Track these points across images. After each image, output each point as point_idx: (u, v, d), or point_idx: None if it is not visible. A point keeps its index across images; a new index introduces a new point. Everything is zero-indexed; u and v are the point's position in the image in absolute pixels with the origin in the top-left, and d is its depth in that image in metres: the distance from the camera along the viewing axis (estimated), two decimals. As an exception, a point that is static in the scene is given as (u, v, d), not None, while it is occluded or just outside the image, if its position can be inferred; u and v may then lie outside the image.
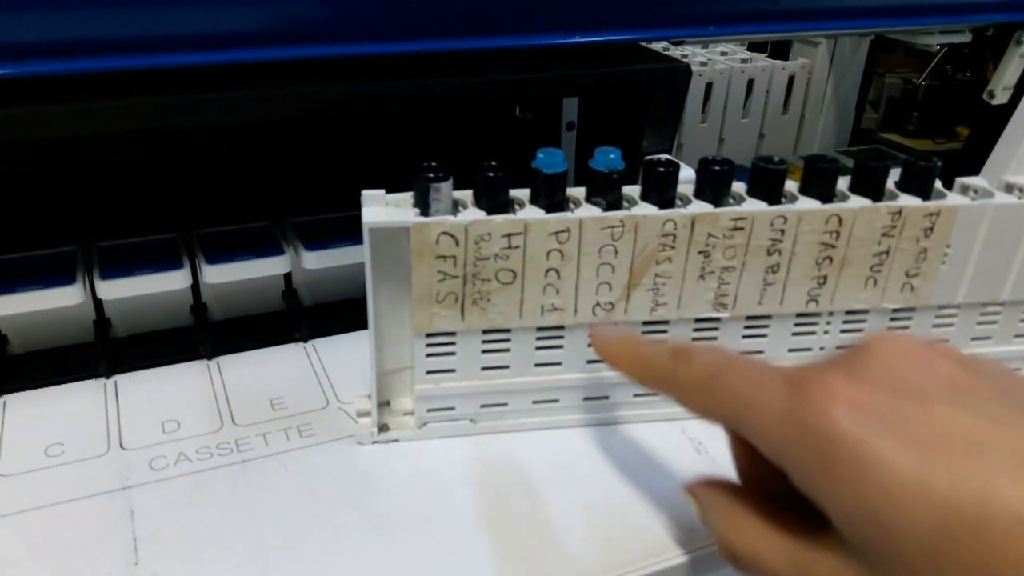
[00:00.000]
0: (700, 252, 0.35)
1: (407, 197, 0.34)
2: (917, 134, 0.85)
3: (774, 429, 0.24)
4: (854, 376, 0.24)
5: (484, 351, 0.36)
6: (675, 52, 0.68)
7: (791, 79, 0.79)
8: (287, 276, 0.48)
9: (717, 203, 0.35)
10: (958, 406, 0.22)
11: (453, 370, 0.37)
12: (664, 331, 0.37)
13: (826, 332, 0.39)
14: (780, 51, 0.81)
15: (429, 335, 0.35)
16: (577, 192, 0.35)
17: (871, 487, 0.22)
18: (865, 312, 0.39)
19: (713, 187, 0.35)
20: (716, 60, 0.75)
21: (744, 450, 0.28)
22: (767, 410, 0.25)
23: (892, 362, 0.24)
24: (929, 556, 0.21)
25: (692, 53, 0.76)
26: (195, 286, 0.45)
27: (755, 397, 0.25)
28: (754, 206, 0.35)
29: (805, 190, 0.36)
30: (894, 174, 0.37)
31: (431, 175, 0.33)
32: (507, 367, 0.37)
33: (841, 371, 0.24)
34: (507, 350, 0.37)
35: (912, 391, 0.23)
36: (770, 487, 0.27)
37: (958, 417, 0.22)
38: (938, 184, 0.38)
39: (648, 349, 0.31)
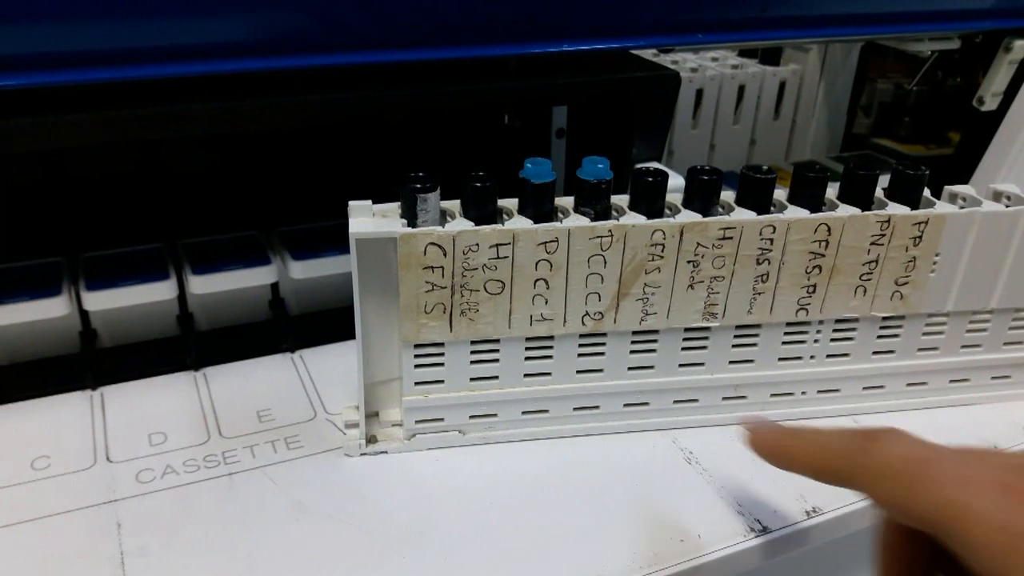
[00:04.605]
0: (689, 261, 0.35)
1: (394, 207, 0.34)
2: (909, 139, 0.84)
3: (989, 539, 0.21)
4: None
5: (473, 362, 0.36)
6: (665, 59, 0.68)
7: (782, 85, 0.79)
8: (274, 286, 0.47)
9: (706, 212, 0.35)
10: None
11: (442, 381, 0.36)
12: (654, 340, 0.37)
13: (816, 341, 0.39)
14: (771, 57, 0.81)
15: (417, 346, 0.35)
16: (566, 201, 0.35)
17: None
18: (855, 321, 0.39)
19: (702, 196, 0.35)
20: (706, 66, 0.75)
21: (900, 541, 0.26)
22: (981, 518, 0.22)
23: None
24: None
25: (682, 59, 0.76)
26: (181, 296, 0.45)
27: (966, 501, 0.22)
28: (743, 215, 0.35)
29: (794, 199, 0.36)
30: (883, 181, 0.37)
31: (418, 185, 0.33)
32: (496, 378, 0.37)
33: None
34: (496, 361, 0.36)
35: None
36: None
37: None
38: (927, 192, 0.38)
39: (828, 433, 0.27)
